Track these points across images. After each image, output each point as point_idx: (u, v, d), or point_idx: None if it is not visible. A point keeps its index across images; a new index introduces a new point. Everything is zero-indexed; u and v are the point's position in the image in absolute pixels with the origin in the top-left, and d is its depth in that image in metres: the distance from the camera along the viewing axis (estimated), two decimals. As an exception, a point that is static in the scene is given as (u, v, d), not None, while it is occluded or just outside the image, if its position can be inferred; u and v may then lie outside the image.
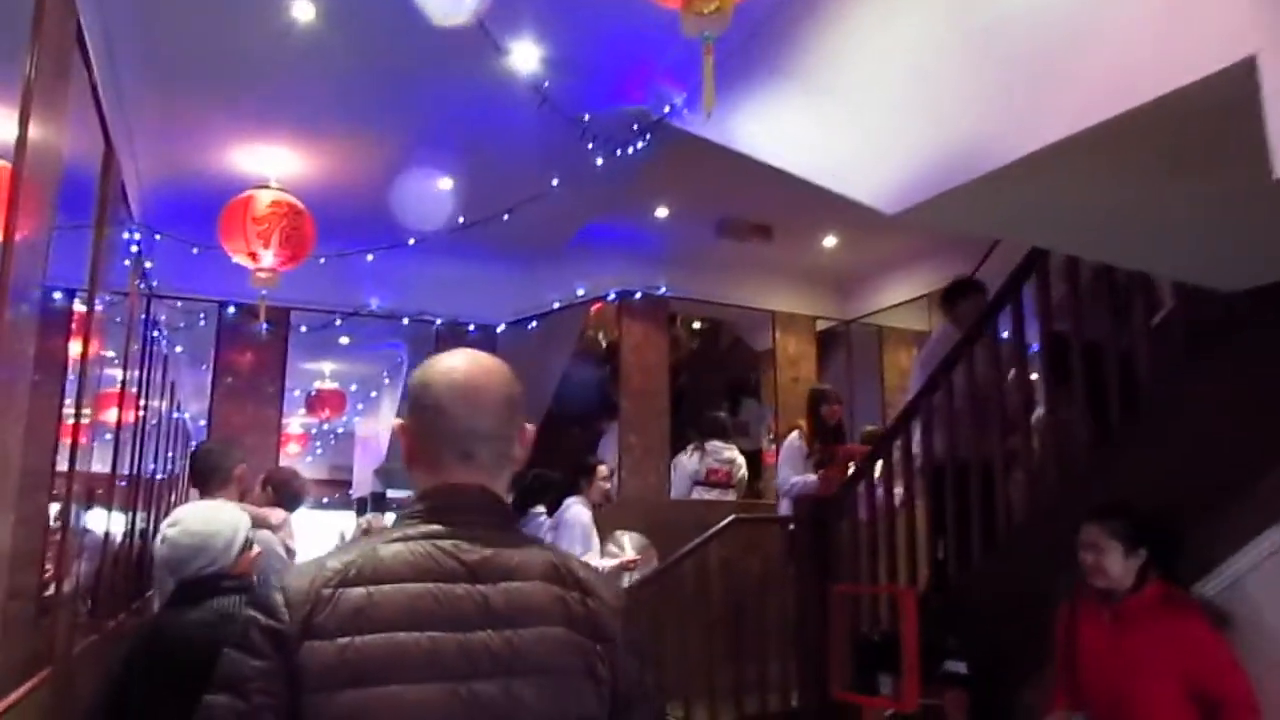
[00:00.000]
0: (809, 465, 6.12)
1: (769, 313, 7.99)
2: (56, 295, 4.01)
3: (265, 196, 4.88)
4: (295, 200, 4.91)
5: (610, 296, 7.39)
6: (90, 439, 3.98)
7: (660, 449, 7.09)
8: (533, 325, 7.53)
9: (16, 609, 2.50)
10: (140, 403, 5.50)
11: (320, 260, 5.58)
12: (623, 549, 6.14)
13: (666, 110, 4.15)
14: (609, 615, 1.32)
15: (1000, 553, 4.23)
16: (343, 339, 8.05)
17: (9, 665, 2.38)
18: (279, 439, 7.15)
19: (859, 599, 5.00)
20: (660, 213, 6.61)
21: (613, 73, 4.17)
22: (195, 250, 5.39)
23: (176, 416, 8.13)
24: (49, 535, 3.21)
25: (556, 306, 7.47)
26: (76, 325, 3.57)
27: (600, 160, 4.48)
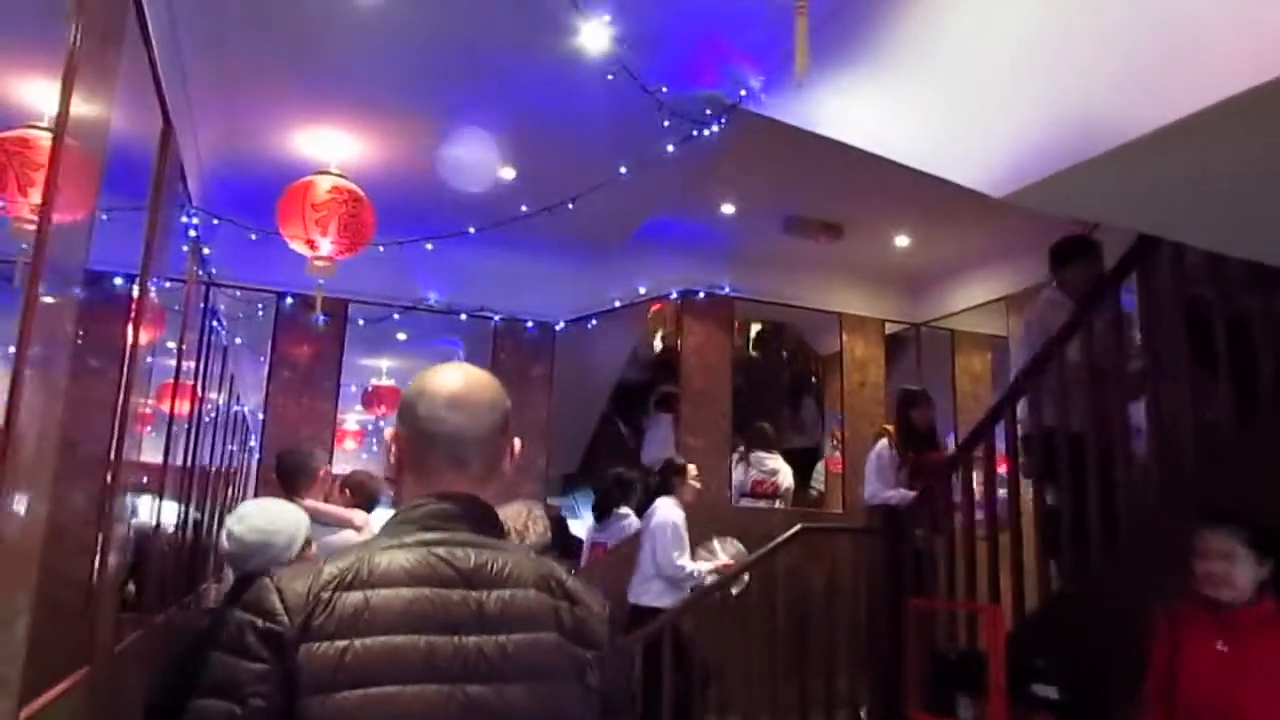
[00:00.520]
0: (900, 476, 5.62)
1: (836, 315, 7.72)
2: (117, 281, 3.96)
3: (324, 182, 4.75)
4: (355, 187, 4.78)
5: (672, 295, 7.20)
6: (143, 427, 3.90)
7: (722, 452, 6.86)
8: (593, 324, 7.36)
9: (50, 600, 2.38)
10: (197, 393, 5.44)
11: (379, 249, 5.45)
12: (715, 554, 6.00)
13: (742, 94, 3.94)
14: (598, 624, 1.36)
15: (1095, 563, 3.95)
16: (399, 334, 8.00)
17: (41, 663, 2.24)
18: (335, 434, 7.06)
19: (935, 614, 4.80)
20: (726, 209, 6.43)
21: (687, 52, 3.97)
22: (254, 236, 5.28)
23: (236, 409, 8.10)
24: (98, 524, 3.12)
25: (617, 305, 7.29)
26: (135, 311, 3.49)
27: (671, 147, 4.29)
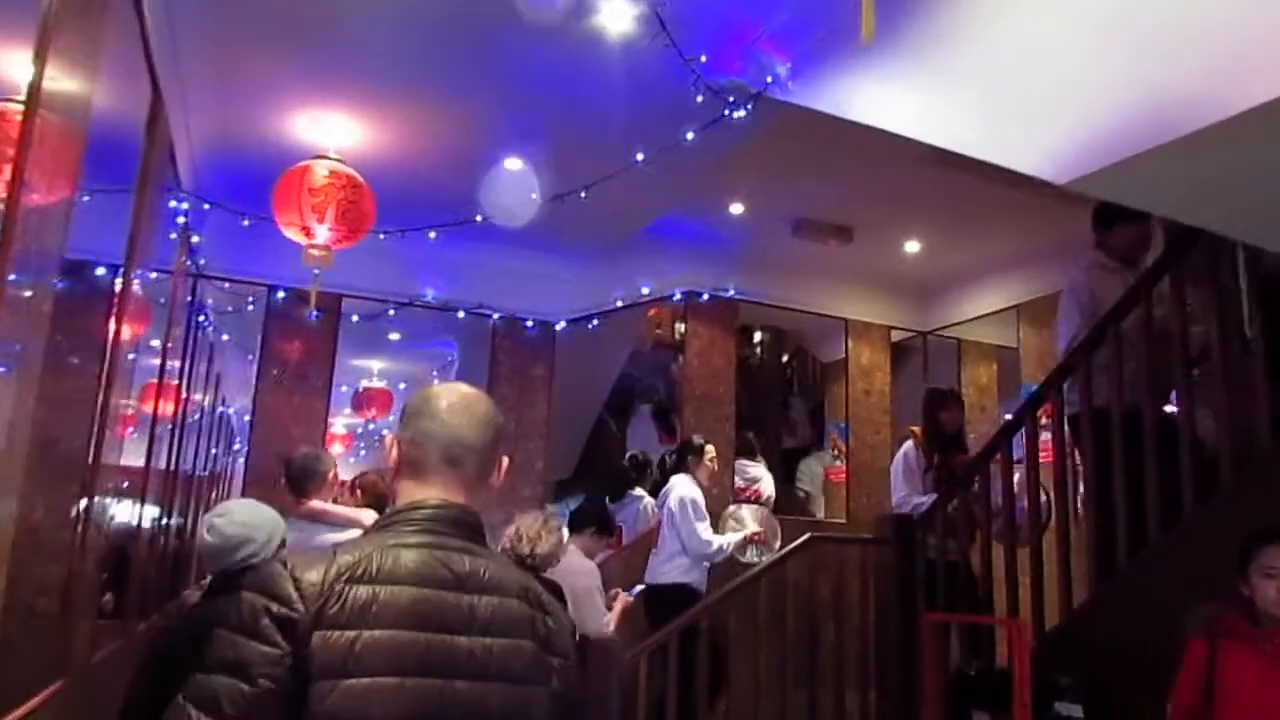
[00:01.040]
0: (928, 480, 5.33)
1: (842, 320, 7.56)
2: (99, 271, 3.72)
3: (323, 167, 4.54)
4: (354, 172, 4.57)
5: (676, 296, 7.02)
6: (126, 429, 3.69)
7: (725, 456, 6.65)
8: (594, 324, 7.15)
9: (22, 607, 2.17)
10: (182, 393, 5.21)
11: (380, 236, 5.21)
12: (743, 523, 5.86)
13: (769, 81, 3.74)
14: (565, 635, 1.49)
15: (1122, 577, 3.78)
16: (393, 334, 7.80)
17: (11, 675, 2.03)
18: (324, 436, 6.82)
19: (949, 627, 4.61)
20: (735, 209, 6.25)
21: (712, 34, 3.76)
22: (246, 222, 5.03)
23: (221, 411, 7.85)
24: (75, 528, 2.90)
25: (619, 305, 7.09)
26: (118, 304, 3.27)
27: (691, 135, 4.08)
